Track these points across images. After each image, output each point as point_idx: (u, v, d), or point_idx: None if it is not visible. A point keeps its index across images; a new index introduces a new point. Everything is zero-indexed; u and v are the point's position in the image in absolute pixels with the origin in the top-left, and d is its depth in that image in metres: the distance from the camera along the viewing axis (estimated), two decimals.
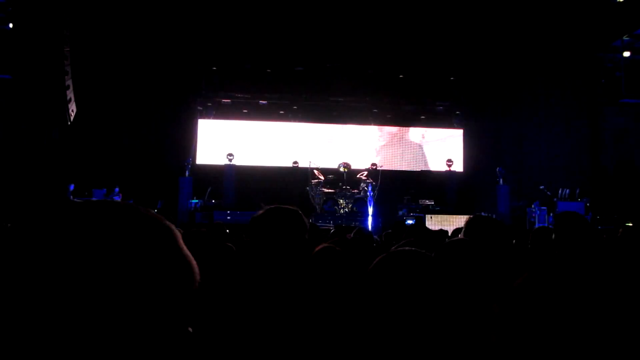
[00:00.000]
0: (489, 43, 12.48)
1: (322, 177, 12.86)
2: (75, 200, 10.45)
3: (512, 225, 12.21)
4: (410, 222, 11.96)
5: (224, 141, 14.58)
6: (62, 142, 11.73)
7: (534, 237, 2.71)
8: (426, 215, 12.21)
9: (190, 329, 0.61)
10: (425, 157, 15.33)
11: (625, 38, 12.22)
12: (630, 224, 10.65)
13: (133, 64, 12.80)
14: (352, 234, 3.55)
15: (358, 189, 12.73)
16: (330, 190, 12.74)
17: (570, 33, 11.97)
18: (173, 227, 0.67)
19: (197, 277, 0.62)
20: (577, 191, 12.25)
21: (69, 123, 11.49)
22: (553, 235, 2.28)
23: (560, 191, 12.27)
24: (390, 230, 4.53)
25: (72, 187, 11.38)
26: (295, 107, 14.71)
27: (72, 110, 11.66)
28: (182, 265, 0.61)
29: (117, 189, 11.69)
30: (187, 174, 12.83)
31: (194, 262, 0.63)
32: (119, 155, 13.03)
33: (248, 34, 12.34)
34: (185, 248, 0.63)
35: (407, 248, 1.51)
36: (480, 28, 11.93)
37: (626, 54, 12.42)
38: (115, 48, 12.39)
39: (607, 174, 13.74)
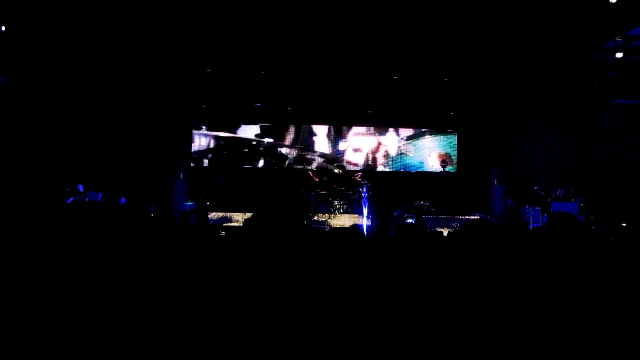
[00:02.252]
0: (482, 45, 12.53)
1: (316, 179, 12.89)
2: (69, 200, 10.42)
3: (507, 225, 12.28)
4: (410, 220, 12.08)
5: (218, 142, 14.62)
6: (56, 144, 11.69)
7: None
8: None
9: (176, 326, 0.62)
10: (419, 158, 15.37)
11: (618, 39, 12.28)
12: (624, 224, 10.72)
13: (127, 67, 12.78)
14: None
15: (353, 190, 12.75)
16: (325, 192, 12.75)
17: (563, 34, 12.03)
18: (155, 225, 0.68)
19: (182, 272, 0.64)
20: (571, 191, 12.32)
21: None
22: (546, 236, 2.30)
23: (554, 192, 12.34)
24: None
25: (68, 189, 11.34)
26: (289, 109, 14.73)
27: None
28: (165, 260, 0.62)
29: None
30: (181, 176, 12.81)
31: (177, 257, 0.64)
32: (114, 157, 13.00)
33: (242, 35, 12.34)
34: (167, 244, 0.64)
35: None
36: (474, 29, 11.97)
37: (619, 54, 12.49)
38: (110, 50, 12.36)
39: (600, 174, 13.82)
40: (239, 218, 11.93)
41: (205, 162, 14.66)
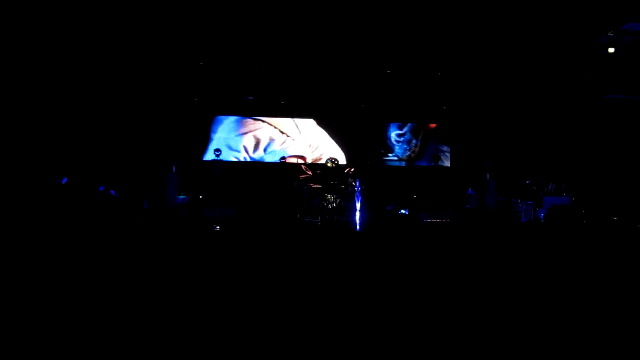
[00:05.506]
0: (475, 41, 12.51)
1: (309, 173, 12.87)
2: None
3: (499, 219, 12.34)
4: (403, 211, 12.15)
5: (211, 137, 14.59)
6: (45, 137, 11.59)
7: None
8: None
9: (155, 311, 0.62)
10: (412, 153, 15.40)
11: (610, 34, 12.32)
12: (615, 218, 10.80)
13: (118, 59, 12.66)
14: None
15: (346, 184, 12.75)
16: (317, 186, 12.74)
17: (555, 29, 12.04)
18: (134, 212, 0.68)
19: (160, 258, 0.63)
20: (563, 186, 12.39)
21: (54, 119, 11.37)
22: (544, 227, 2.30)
23: (546, 186, 12.41)
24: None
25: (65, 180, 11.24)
26: (282, 102, 14.69)
27: (59, 106, 11.53)
28: (143, 247, 0.62)
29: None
30: (174, 170, 12.77)
31: (156, 243, 0.63)
32: (104, 151, 12.92)
33: (234, 28, 12.25)
34: (146, 230, 0.65)
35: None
36: (467, 25, 11.95)
37: (611, 49, 12.53)
38: (101, 43, 12.24)
39: (592, 169, 13.90)
40: (232, 212, 11.91)
41: (197, 155, 14.62)
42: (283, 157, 13.98)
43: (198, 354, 1.44)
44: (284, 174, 13.52)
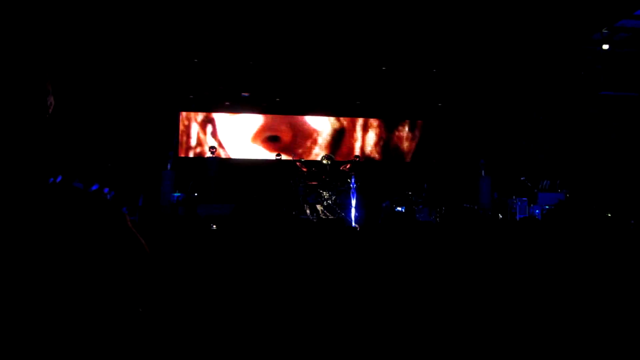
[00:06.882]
0: (470, 37, 12.52)
1: (305, 170, 12.87)
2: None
3: (495, 216, 12.37)
4: (399, 209, 12.15)
5: (206, 134, 14.57)
6: (38, 135, 11.51)
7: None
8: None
9: (140, 309, 0.62)
10: (409, 150, 15.43)
11: (604, 31, 12.35)
12: (610, 215, 10.85)
13: (112, 55, 12.60)
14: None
15: (341, 181, 12.75)
16: (313, 183, 12.74)
17: (550, 26, 12.06)
18: (121, 210, 0.68)
19: (146, 255, 0.63)
20: (558, 182, 12.43)
21: (47, 116, 11.29)
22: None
23: (540, 182, 12.45)
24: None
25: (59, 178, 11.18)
26: (277, 99, 14.67)
27: (50, 103, 11.46)
28: (130, 244, 0.62)
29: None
30: (169, 167, 12.73)
31: (142, 241, 0.64)
32: (99, 148, 12.87)
33: (229, 25, 12.21)
34: (132, 227, 0.65)
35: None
36: (463, 21, 11.95)
37: (605, 46, 12.57)
38: (94, 38, 12.17)
39: (586, 165, 13.95)
40: (227, 209, 11.89)
41: (193, 153, 14.60)
42: (278, 154, 13.97)
43: (185, 354, 1.44)
44: (279, 171, 13.51)
